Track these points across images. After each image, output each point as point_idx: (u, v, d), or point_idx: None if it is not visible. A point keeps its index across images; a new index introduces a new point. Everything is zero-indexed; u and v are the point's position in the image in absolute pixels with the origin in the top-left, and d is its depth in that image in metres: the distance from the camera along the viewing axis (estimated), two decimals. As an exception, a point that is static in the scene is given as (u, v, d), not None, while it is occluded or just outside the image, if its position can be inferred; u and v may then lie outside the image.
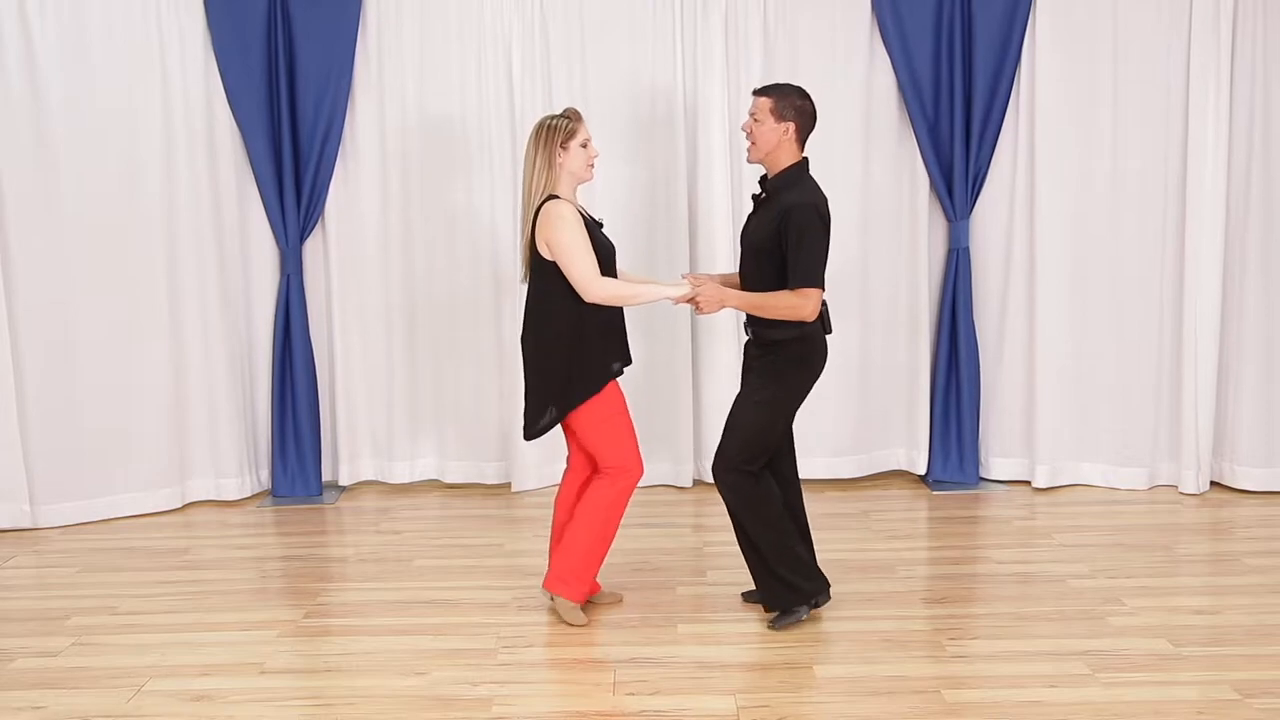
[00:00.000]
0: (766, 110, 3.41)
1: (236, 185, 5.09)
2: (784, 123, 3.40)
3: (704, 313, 3.44)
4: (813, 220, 3.30)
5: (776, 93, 3.42)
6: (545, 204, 3.44)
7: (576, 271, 3.38)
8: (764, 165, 3.48)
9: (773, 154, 3.43)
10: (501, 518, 4.90)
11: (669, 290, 3.45)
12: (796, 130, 3.42)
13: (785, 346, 3.43)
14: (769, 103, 3.41)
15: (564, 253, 3.38)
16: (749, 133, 3.46)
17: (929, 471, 5.27)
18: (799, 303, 3.30)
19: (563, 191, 3.49)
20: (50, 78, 4.65)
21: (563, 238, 3.38)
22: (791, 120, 3.40)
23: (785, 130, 3.40)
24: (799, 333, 3.40)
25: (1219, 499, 4.97)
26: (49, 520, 4.81)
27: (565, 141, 3.46)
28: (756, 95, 3.45)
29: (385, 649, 3.47)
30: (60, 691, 3.21)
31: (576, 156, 3.48)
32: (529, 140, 3.50)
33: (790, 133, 3.41)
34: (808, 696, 3.09)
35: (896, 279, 5.20)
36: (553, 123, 3.47)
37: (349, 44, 5.03)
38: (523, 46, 5.04)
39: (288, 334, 5.16)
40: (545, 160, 3.46)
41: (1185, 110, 4.91)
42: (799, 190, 3.36)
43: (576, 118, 3.50)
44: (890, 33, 5.01)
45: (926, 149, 5.06)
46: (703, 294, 3.41)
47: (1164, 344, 5.07)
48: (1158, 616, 3.60)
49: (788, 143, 3.42)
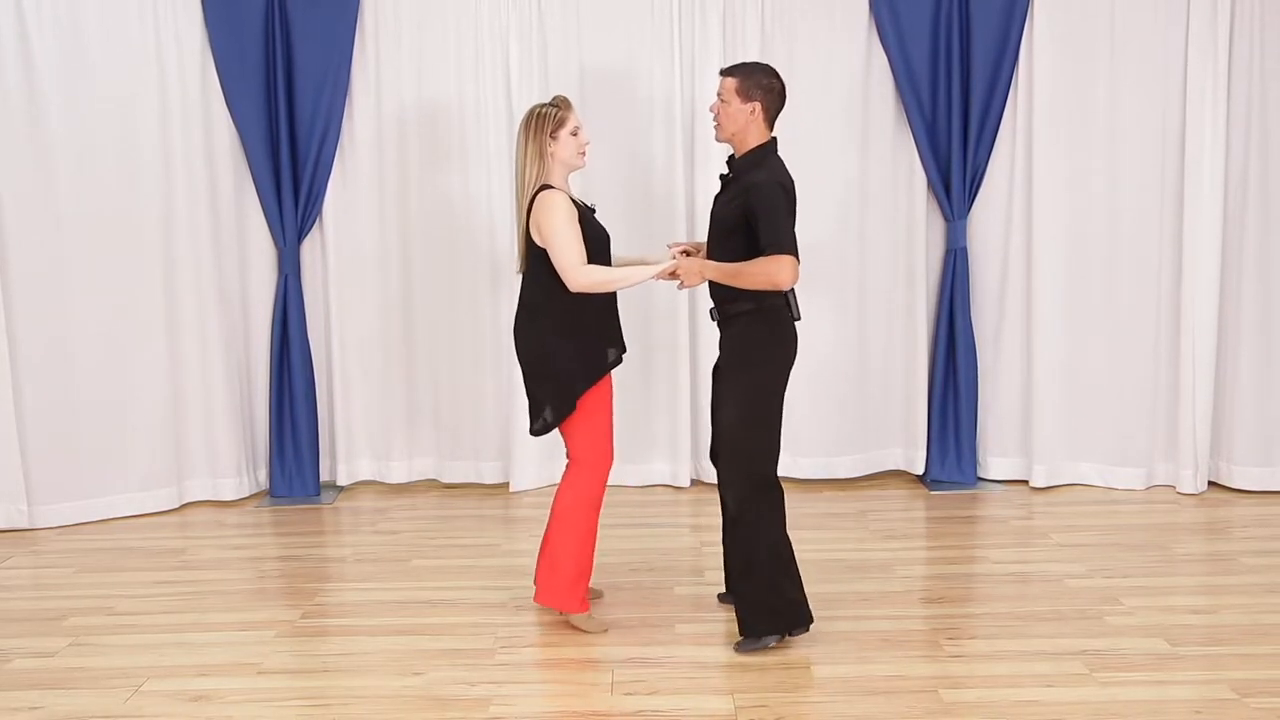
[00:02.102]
0: (732, 90, 3.36)
1: (234, 185, 5.09)
2: (750, 102, 3.35)
3: (686, 286, 3.41)
4: (777, 194, 3.24)
5: (742, 72, 3.37)
6: (539, 193, 3.45)
7: (564, 259, 3.38)
8: (731, 145, 3.44)
9: (739, 134, 3.38)
10: (499, 518, 4.89)
11: (651, 269, 3.42)
12: (763, 109, 3.36)
13: (745, 321, 3.35)
14: (734, 83, 3.36)
15: (552, 240, 3.39)
16: (716, 113, 3.41)
17: (927, 471, 5.28)
18: (774, 268, 3.21)
19: (555, 180, 3.49)
20: (47, 78, 4.64)
21: (553, 225, 3.38)
22: (758, 100, 3.34)
23: (752, 110, 3.35)
24: (755, 304, 3.32)
25: (1216, 499, 4.97)
26: (46, 520, 4.81)
27: (555, 130, 3.45)
28: (723, 75, 3.40)
29: (383, 649, 3.47)
30: (58, 692, 3.21)
31: (567, 145, 3.47)
32: (519, 130, 3.50)
33: (757, 112, 3.35)
34: (805, 696, 3.09)
35: (894, 278, 5.20)
36: (542, 111, 3.47)
37: (346, 44, 5.02)
38: (520, 47, 5.04)
39: (285, 334, 5.16)
40: (536, 150, 3.45)
41: (1183, 110, 4.92)
42: (765, 170, 3.30)
43: (565, 105, 3.50)
44: (887, 31, 5.01)
45: (924, 148, 5.06)
46: (683, 267, 3.39)
47: (1161, 343, 5.07)
48: (1155, 616, 3.61)
49: (755, 123, 3.37)
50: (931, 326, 5.26)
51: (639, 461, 5.32)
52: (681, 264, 3.40)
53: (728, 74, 3.38)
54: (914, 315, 5.21)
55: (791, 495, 5.13)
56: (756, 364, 3.34)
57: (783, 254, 3.19)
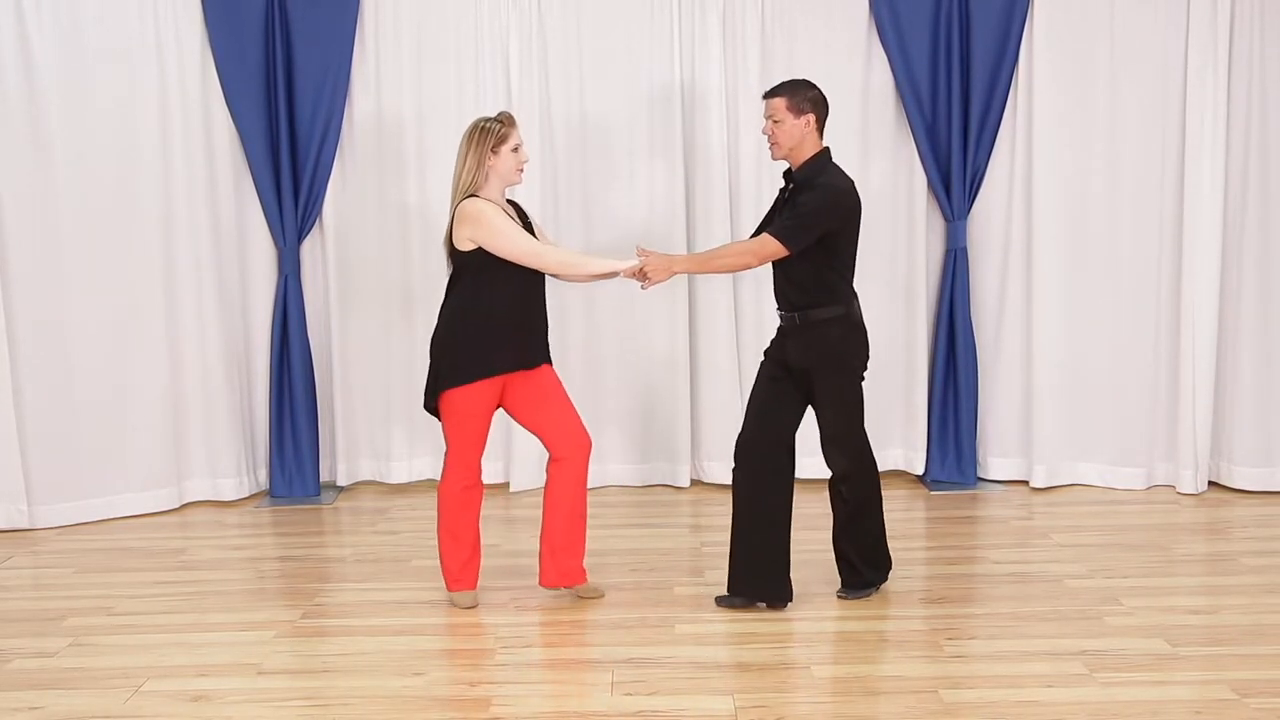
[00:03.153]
0: (784, 109, 3.49)
1: (234, 185, 5.09)
2: (803, 116, 3.50)
3: (652, 282, 3.54)
4: (830, 200, 3.41)
5: (788, 90, 3.51)
6: (462, 203, 3.57)
7: (519, 250, 3.52)
8: (789, 160, 3.56)
9: (796, 148, 3.52)
10: (499, 517, 4.89)
11: (618, 263, 3.59)
12: (816, 120, 3.52)
13: (833, 325, 3.52)
14: (783, 101, 3.50)
15: (497, 240, 3.52)
16: (770, 135, 3.54)
17: (927, 471, 5.28)
18: (755, 248, 3.41)
19: (488, 192, 3.62)
20: (47, 78, 4.64)
21: (492, 226, 3.52)
22: (810, 112, 3.51)
23: (806, 123, 3.50)
24: (844, 310, 3.51)
25: (1216, 499, 4.97)
26: (46, 521, 4.81)
27: (496, 146, 3.60)
28: (768, 98, 3.54)
29: (383, 649, 3.47)
30: (58, 692, 3.20)
31: (506, 160, 3.61)
32: (462, 138, 3.64)
33: (811, 124, 3.51)
34: (805, 696, 3.09)
35: (894, 279, 5.20)
36: (486, 125, 3.61)
37: (347, 44, 5.02)
38: (520, 46, 5.04)
39: (285, 334, 5.16)
40: (476, 161, 3.60)
41: (1183, 110, 4.91)
42: (826, 175, 3.47)
43: (509, 122, 3.64)
44: (888, 32, 5.01)
45: (924, 149, 5.06)
46: (649, 264, 3.51)
47: (1161, 343, 5.07)
48: (1155, 616, 3.60)
49: (810, 135, 3.52)
50: (931, 326, 5.26)
51: (639, 461, 5.32)
52: (648, 261, 3.51)
53: (773, 95, 3.53)
54: (914, 315, 5.20)
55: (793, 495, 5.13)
56: (850, 368, 3.59)
57: (779, 241, 3.39)
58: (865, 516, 3.74)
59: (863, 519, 3.74)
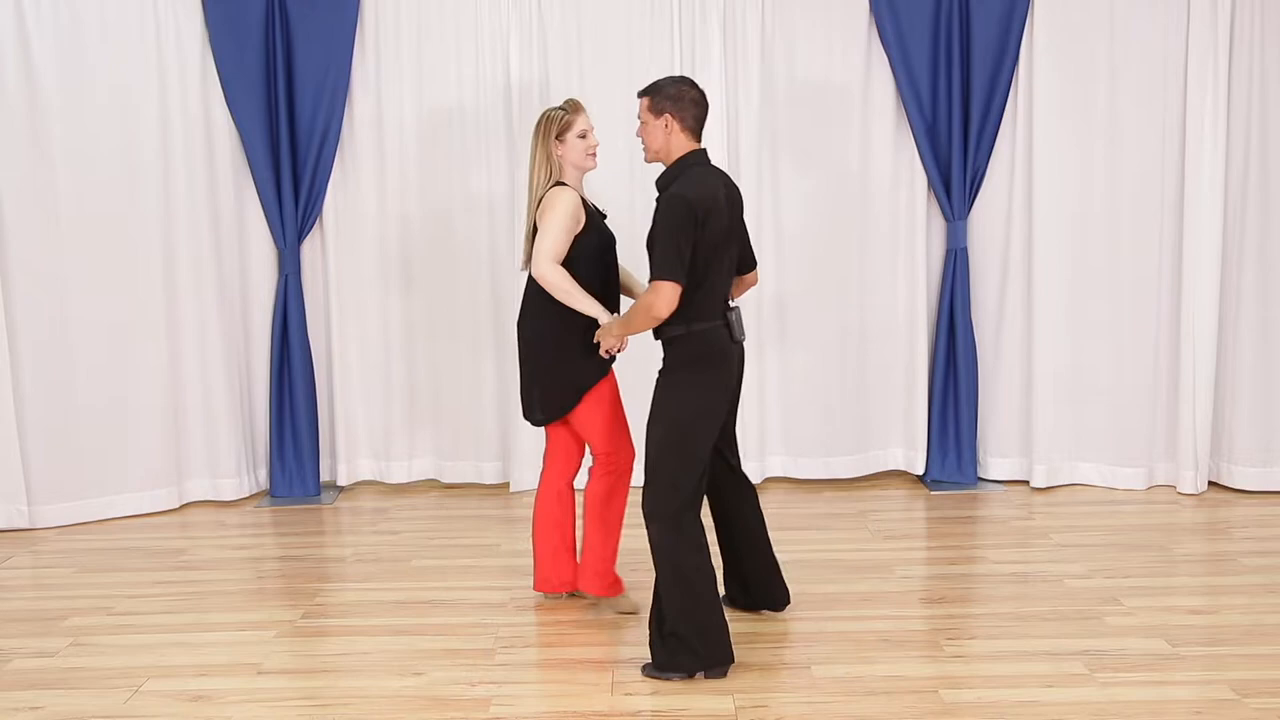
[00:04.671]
0: (645, 109, 3.31)
1: (234, 185, 5.09)
2: (661, 117, 3.27)
3: (612, 351, 3.47)
4: (675, 210, 3.11)
5: (652, 89, 3.31)
6: (549, 190, 3.52)
7: (542, 245, 3.45)
8: (663, 164, 3.37)
9: (663, 150, 3.31)
10: (499, 518, 4.89)
11: (600, 315, 3.45)
12: (677, 120, 3.27)
13: (676, 345, 3.24)
14: (645, 101, 3.31)
15: (543, 225, 3.46)
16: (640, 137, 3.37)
17: (927, 471, 5.28)
18: (650, 300, 3.12)
19: (568, 181, 3.56)
20: (47, 77, 4.64)
21: (552, 214, 3.45)
22: (667, 112, 3.26)
23: (665, 124, 3.27)
24: (685, 329, 3.20)
25: (1216, 499, 4.97)
26: (46, 520, 4.81)
27: (561, 134, 3.53)
28: (638, 98, 3.35)
29: (382, 649, 3.47)
30: (58, 692, 3.21)
31: (574, 147, 3.54)
32: (531, 134, 3.60)
33: (671, 125, 3.27)
34: (805, 696, 3.09)
35: (894, 279, 5.20)
36: (550, 114, 3.56)
37: (347, 44, 5.02)
38: (520, 46, 5.04)
39: (285, 334, 5.16)
40: (544, 154, 3.54)
41: (1183, 110, 4.91)
42: (678, 182, 3.21)
43: (574, 109, 3.56)
44: (888, 33, 5.01)
45: (924, 149, 5.06)
46: (599, 335, 3.43)
47: (1161, 343, 5.07)
48: (1155, 616, 3.61)
49: (675, 136, 3.27)
50: (932, 326, 5.26)
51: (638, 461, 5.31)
52: (599, 333, 3.44)
53: (641, 95, 3.34)
54: (914, 315, 5.20)
55: (792, 495, 5.14)
56: (682, 393, 3.22)
57: (662, 280, 3.09)
58: (668, 586, 3.20)
59: (662, 588, 3.21)
